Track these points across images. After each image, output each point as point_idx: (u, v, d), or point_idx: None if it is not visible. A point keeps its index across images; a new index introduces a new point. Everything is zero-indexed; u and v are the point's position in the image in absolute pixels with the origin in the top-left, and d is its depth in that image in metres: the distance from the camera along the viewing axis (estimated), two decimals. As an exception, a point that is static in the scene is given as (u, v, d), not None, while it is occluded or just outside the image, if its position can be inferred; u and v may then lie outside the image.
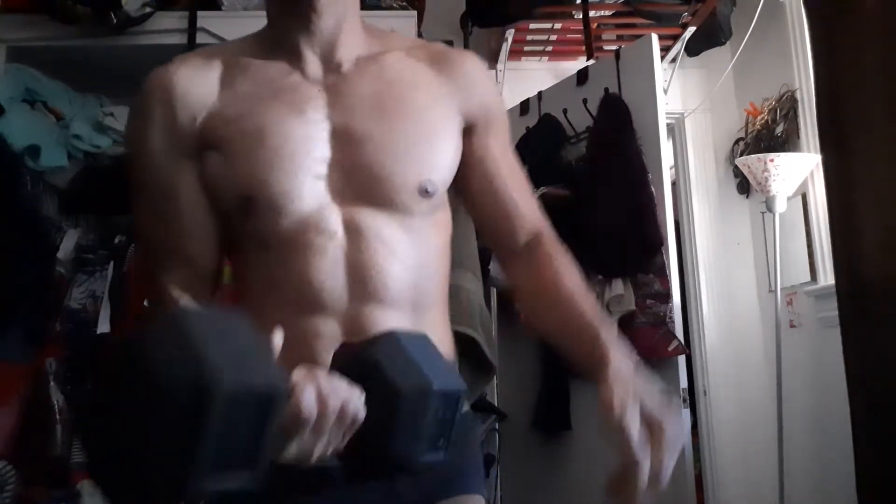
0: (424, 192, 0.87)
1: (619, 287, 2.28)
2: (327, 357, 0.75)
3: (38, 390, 2.24)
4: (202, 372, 0.53)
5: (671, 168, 3.05)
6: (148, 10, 2.40)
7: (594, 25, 2.79)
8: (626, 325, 2.30)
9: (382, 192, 0.86)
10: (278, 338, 0.67)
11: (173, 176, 0.87)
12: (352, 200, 0.85)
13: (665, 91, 2.91)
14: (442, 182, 0.90)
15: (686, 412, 2.25)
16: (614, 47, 2.72)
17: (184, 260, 0.89)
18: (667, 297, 2.25)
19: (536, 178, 2.55)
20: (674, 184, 3.06)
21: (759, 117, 2.86)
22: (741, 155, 2.89)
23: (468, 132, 0.94)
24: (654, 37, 2.44)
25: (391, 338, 0.70)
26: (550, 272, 0.94)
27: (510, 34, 2.88)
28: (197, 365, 0.54)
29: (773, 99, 2.76)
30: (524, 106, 2.83)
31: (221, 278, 0.95)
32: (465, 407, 0.72)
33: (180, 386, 0.53)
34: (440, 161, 0.89)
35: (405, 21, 2.27)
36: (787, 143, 2.67)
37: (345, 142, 0.85)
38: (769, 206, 2.54)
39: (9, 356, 2.14)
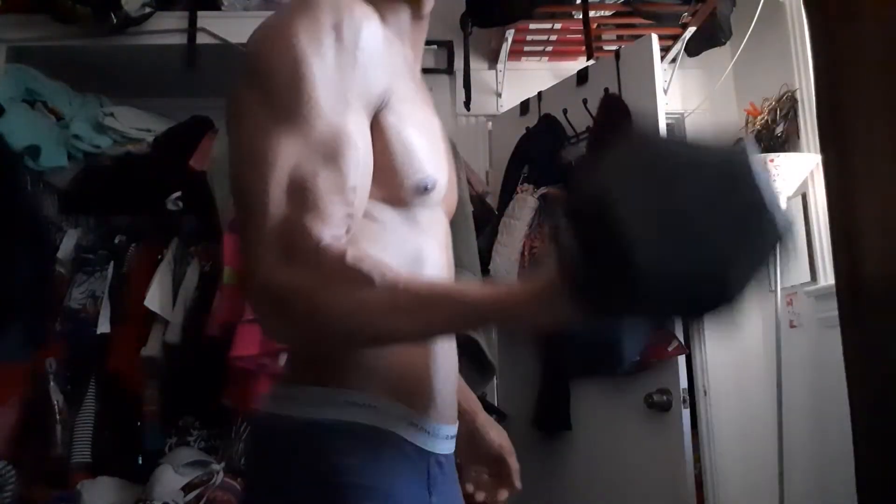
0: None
1: (619, 287, 2.28)
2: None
3: (38, 390, 2.24)
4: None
5: (671, 168, 3.04)
6: (148, 10, 2.41)
7: (594, 25, 2.79)
8: (626, 325, 2.30)
9: (452, 203, 0.95)
10: None
11: (355, 117, 0.75)
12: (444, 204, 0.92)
13: (665, 91, 2.91)
14: None
15: (686, 412, 2.25)
16: (614, 47, 2.72)
17: (343, 218, 0.73)
18: (667, 297, 2.25)
19: (536, 178, 2.56)
20: (674, 184, 3.05)
21: (759, 117, 2.86)
22: (741, 155, 2.89)
23: None
24: (654, 37, 2.44)
25: None
26: None
27: (510, 34, 2.88)
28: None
29: (773, 99, 2.76)
30: (524, 106, 2.83)
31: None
32: None
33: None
34: None
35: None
36: (787, 143, 2.66)
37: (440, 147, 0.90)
38: (769, 206, 2.54)
39: (9, 356, 2.14)
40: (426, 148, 0.82)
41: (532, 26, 2.88)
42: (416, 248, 0.83)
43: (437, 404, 0.85)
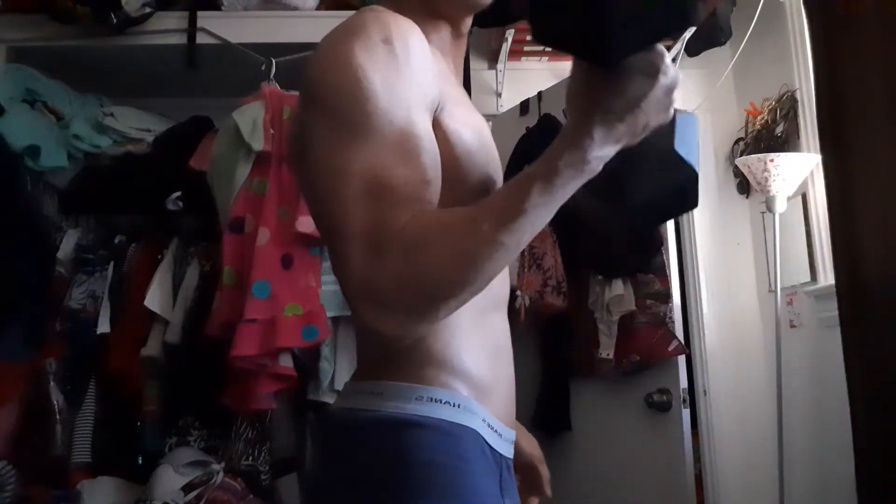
0: None
1: (619, 287, 2.28)
2: (505, 339, 0.92)
3: (38, 390, 2.24)
4: None
5: (671, 168, 3.04)
6: (148, 10, 2.41)
7: (594, 25, 2.79)
8: (626, 325, 2.30)
9: None
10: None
11: (420, 119, 0.77)
12: None
13: (665, 91, 2.90)
14: None
15: (686, 412, 2.25)
16: (614, 47, 2.72)
17: (427, 202, 0.75)
18: (667, 297, 2.25)
19: (536, 178, 2.56)
20: (674, 184, 3.05)
21: (759, 117, 2.86)
22: (741, 155, 2.89)
23: None
24: (654, 37, 2.44)
25: None
26: None
27: (510, 34, 2.88)
28: None
29: (773, 99, 2.76)
30: (524, 106, 2.83)
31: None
32: None
33: None
34: None
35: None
36: (787, 143, 2.67)
37: (492, 149, 0.92)
38: (769, 206, 2.54)
39: (9, 356, 2.13)
40: (483, 150, 0.85)
41: (532, 26, 2.88)
42: None
43: (506, 408, 0.89)
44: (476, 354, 0.85)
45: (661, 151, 0.76)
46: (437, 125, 0.81)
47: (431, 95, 0.80)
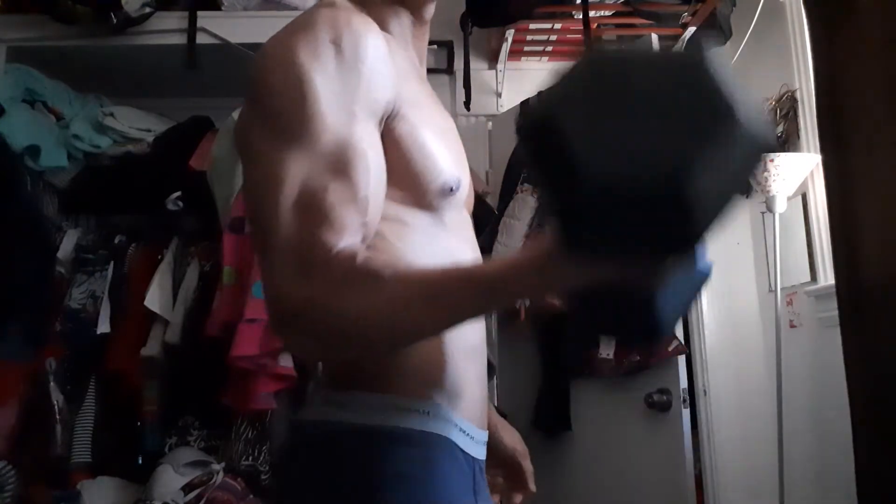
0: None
1: (619, 287, 2.28)
2: (477, 338, 0.87)
3: (38, 390, 2.24)
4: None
5: (671, 168, 3.04)
6: (148, 10, 2.41)
7: (594, 25, 2.78)
8: (626, 325, 2.30)
9: (471, 202, 0.97)
10: None
11: (363, 127, 0.74)
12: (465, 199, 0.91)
13: (665, 91, 2.90)
14: None
15: (686, 412, 2.25)
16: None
17: (358, 226, 0.71)
18: (667, 297, 2.25)
19: (536, 178, 2.56)
20: (674, 184, 3.05)
21: (759, 117, 2.86)
22: (741, 155, 2.89)
23: None
24: (654, 37, 2.44)
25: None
26: None
27: (510, 34, 2.88)
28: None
29: (773, 99, 2.76)
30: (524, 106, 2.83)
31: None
32: None
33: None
34: None
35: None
36: (787, 143, 2.66)
37: (457, 147, 0.90)
38: (769, 206, 2.54)
39: (9, 356, 2.14)
40: (444, 150, 0.83)
41: (532, 26, 2.88)
42: (448, 249, 0.84)
43: (478, 409, 0.86)
44: (448, 358, 0.82)
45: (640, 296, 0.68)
46: (389, 131, 0.78)
47: (383, 101, 0.77)
